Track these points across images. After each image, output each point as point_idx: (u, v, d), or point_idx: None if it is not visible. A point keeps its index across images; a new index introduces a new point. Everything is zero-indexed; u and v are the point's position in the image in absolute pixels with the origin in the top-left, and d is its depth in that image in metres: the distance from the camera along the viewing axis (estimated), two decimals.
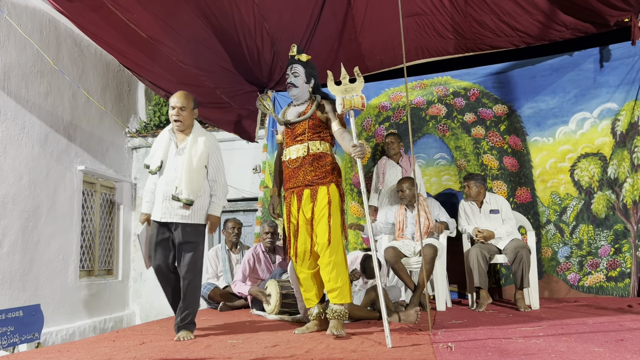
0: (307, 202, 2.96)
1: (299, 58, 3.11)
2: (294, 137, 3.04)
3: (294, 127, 3.05)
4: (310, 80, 3.10)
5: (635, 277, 4.51)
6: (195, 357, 2.44)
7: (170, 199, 2.93)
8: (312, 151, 2.98)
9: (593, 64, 4.90)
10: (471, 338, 2.61)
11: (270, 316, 3.88)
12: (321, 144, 3.02)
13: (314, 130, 3.01)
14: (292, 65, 3.10)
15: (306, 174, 2.97)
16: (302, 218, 2.96)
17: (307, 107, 3.08)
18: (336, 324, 2.83)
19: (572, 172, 4.82)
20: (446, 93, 5.32)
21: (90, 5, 3.64)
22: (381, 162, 4.89)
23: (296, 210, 2.99)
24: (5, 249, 4.94)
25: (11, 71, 5.08)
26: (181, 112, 3.00)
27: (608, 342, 2.36)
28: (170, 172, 2.97)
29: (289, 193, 3.05)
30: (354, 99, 2.83)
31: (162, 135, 3.10)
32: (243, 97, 5.53)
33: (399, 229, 4.25)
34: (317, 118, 3.03)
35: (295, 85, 3.07)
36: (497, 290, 4.83)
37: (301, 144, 3.00)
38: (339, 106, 2.83)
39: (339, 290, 2.86)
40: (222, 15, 4.26)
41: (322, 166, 2.98)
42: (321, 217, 2.90)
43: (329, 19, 4.71)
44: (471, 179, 4.34)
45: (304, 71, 3.08)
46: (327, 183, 2.96)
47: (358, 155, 2.75)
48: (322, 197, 2.92)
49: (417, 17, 4.82)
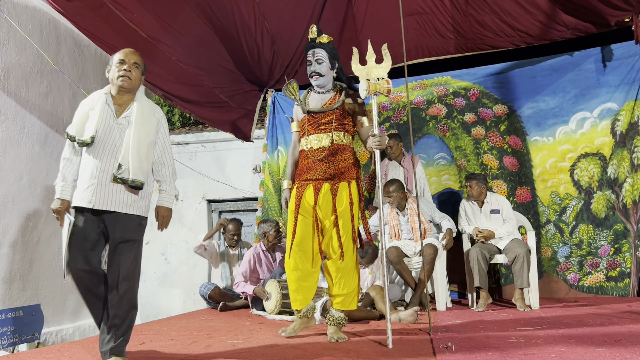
0: (325, 198, 2.74)
1: (320, 41, 2.80)
2: (317, 126, 2.80)
3: (318, 115, 2.81)
4: (335, 64, 2.85)
5: (635, 277, 4.51)
6: (195, 357, 2.44)
7: (107, 181, 2.27)
8: (336, 142, 2.76)
9: (593, 63, 4.89)
10: (471, 338, 2.61)
11: (270, 316, 3.88)
12: (344, 136, 2.81)
13: (340, 121, 2.80)
14: (314, 49, 2.79)
15: (329, 166, 2.74)
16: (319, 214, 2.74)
17: (333, 96, 2.85)
18: (336, 330, 2.75)
19: (572, 172, 4.82)
20: (446, 93, 5.32)
21: (90, 5, 3.64)
22: (383, 163, 4.87)
23: (311, 203, 2.75)
24: (5, 249, 4.94)
25: (11, 71, 5.08)
26: (133, 68, 2.41)
27: (608, 342, 2.36)
28: (107, 146, 2.31)
29: (303, 184, 2.79)
30: (379, 83, 2.62)
31: (95, 100, 2.41)
32: (242, 97, 5.53)
33: (395, 234, 4.24)
34: (344, 109, 2.83)
35: (320, 74, 2.80)
36: (497, 290, 4.83)
37: (325, 134, 2.77)
38: (363, 91, 2.62)
39: (346, 296, 2.76)
40: (223, 14, 4.26)
41: (345, 159, 2.78)
42: (343, 218, 2.71)
43: (330, 17, 4.72)
44: (473, 179, 4.33)
45: (327, 56, 2.80)
46: (349, 180, 2.77)
47: (376, 146, 2.58)
48: (344, 196, 2.73)
49: (417, 16, 4.82)
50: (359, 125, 2.88)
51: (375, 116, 2.64)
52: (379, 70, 2.68)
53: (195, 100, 5.11)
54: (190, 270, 6.72)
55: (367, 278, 4.01)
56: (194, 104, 5.14)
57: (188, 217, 6.84)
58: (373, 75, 2.67)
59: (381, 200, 2.66)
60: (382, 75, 2.67)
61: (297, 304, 2.86)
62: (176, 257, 6.82)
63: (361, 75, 2.68)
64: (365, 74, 2.67)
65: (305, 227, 2.77)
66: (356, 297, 2.83)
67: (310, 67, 2.82)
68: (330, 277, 2.80)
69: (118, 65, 2.40)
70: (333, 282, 2.78)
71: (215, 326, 3.54)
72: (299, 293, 2.84)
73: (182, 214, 6.86)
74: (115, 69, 2.41)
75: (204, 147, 6.88)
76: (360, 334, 2.93)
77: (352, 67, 2.72)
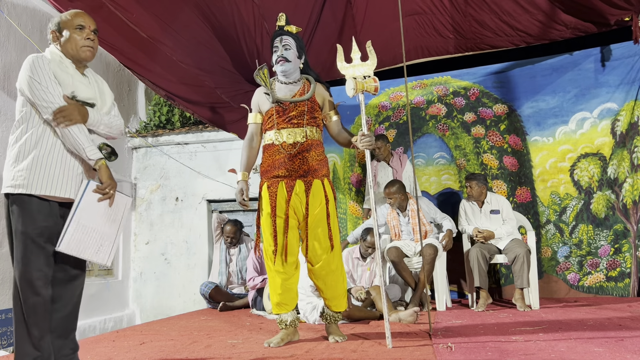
0: (299, 196, 2.64)
1: (288, 29, 2.74)
2: (288, 119, 2.67)
3: (288, 107, 2.68)
4: (302, 55, 2.76)
5: (635, 277, 4.51)
6: (195, 357, 2.44)
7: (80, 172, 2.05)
8: (310, 138, 2.66)
9: (593, 63, 4.89)
10: (471, 338, 2.61)
11: (270, 316, 3.88)
12: (317, 131, 2.71)
13: (311, 114, 2.68)
14: (282, 36, 2.71)
15: (302, 163, 2.63)
16: (292, 213, 2.64)
17: (303, 87, 2.74)
18: (335, 330, 2.75)
19: (572, 172, 4.82)
20: (446, 93, 5.32)
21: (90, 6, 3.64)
22: (371, 164, 4.87)
23: (285, 202, 2.64)
24: (5, 248, 4.94)
25: (11, 71, 5.08)
26: (94, 37, 2.11)
27: (608, 342, 2.36)
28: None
29: (274, 182, 2.67)
30: (367, 81, 2.54)
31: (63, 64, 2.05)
32: (243, 97, 5.51)
33: (395, 234, 4.24)
34: (315, 101, 2.72)
35: (287, 59, 2.68)
36: (497, 290, 4.83)
37: (298, 128, 2.65)
38: (351, 90, 2.53)
39: (336, 299, 2.74)
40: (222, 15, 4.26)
41: (317, 155, 2.68)
42: (319, 218, 2.64)
43: (329, 18, 4.71)
44: (473, 179, 4.33)
45: (295, 44, 2.72)
46: (322, 177, 2.68)
47: (366, 146, 2.52)
48: (318, 194, 2.64)
49: (417, 16, 4.82)
50: (327, 119, 2.78)
51: (364, 115, 2.57)
52: (365, 69, 2.60)
53: (198, 101, 5.11)
54: (190, 270, 6.71)
55: (366, 275, 4.02)
56: (196, 104, 5.14)
57: (188, 217, 6.84)
58: (359, 73, 2.59)
59: (373, 200, 2.58)
60: (369, 73, 2.60)
61: (283, 309, 2.70)
62: (176, 257, 6.82)
63: (347, 73, 2.59)
64: (351, 72, 2.60)
65: (283, 229, 2.66)
66: (345, 296, 2.79)
67: (277, 52, 2.71)
68: (321, 281, 2.72)
69: (78, 31, 2.06)
70: (325, 287, 2.72)
71: (215, 326, 3.54)
72: (284, 297, 2.69)
73: (182, 214, 6.85)
74: (75, 36, 2.06)
75: (204, 147, 6.88)
76: (360, 334, 2.93)
77: (338, 65, 2.63)
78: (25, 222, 1.90)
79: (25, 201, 1.91)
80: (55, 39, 2.11)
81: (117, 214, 2.09)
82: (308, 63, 2.84)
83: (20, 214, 1.91)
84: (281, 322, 2.72)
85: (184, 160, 6.82)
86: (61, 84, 2.01)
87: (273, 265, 2.68)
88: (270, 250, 2.68)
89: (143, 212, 6.98)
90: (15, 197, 1.92)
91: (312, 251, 2.67)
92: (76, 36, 2.06)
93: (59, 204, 1.99)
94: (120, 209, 2.10)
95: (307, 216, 2.63)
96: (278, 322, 2.74)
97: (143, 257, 6.89)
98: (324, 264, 2.66)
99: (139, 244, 6.96)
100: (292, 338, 2.72)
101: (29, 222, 1.90)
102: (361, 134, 2.55)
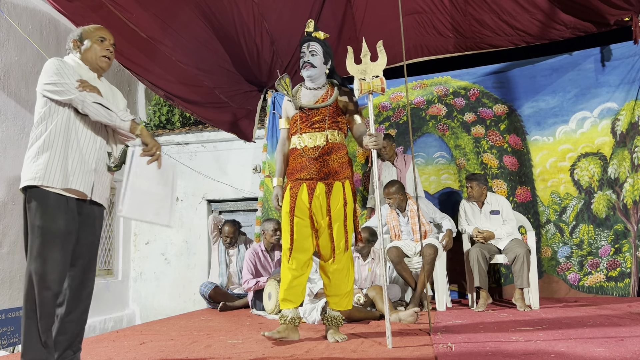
0: (319, 198, 2.70)
1: (316, 35, 2.81)
2: (311, 124, 2.75)
3: (310, 112, 2.77)
4: (328, 60, 2.83)
5: (635, 277, 4.51)
6: (195, 357, 2.44)
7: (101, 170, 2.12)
8: (330, 141, 2.73)
9: (593, 63, 4.89)
10: (471, 338, 2.61)
11: (270, 316, 3.88)
12: (339, 135, 2.78)
13: (333, 119, 2.76)
14: (309, 42, 2.79)
15: (323, 165, 2.70)
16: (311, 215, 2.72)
17: (326, 93, 2.81)
18: (335, 330, 2.75)
19: (572, 171, 4.82)
20: (446, 93, 5.32)
21: (90, 6, 3.64)
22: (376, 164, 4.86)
23: (306, 203, 2.71)
24: (5, 248, 4.94)
25: (11, 71, 5.08)
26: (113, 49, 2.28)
27: (608, 342, 2.36)
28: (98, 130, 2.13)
29: (297, 184, 2.75)
30: (373, 81, 2.59)
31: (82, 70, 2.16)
32: (242, 97, 5.53)
33: (395, 234, 4.24)
34: (338, 106, 2.79)
35: (313, 65, 2.77)
36: (497, 290, 4.83)
37: (319, 132, 2.73)
38: (356, 91, 2.59)
39: (341, 297, 2.77)
40: (222, 14, 4.26)
41: (339, 158, 2.74)
42: (337, 218, 2.69)
43: (329, 17, 4.71)
44: (474, 180, 4.32)
45: (322, 50, 2.79)
46: (343, 179, 2.74)
47: (373, 146, 2.55)
48: (338, 196, 2.70)
49: (416, 15, 4.82)
50: (351, 123, 2.85)
51: (372, 115, 2.62)
52: (374, 68, 2.65)
53: (197, 101, 5.11)
54: (190, 270, 6.72)
55: (367, 275, 4.02)
56: (195, 104, 5.14)
57: (188, 217, 6.84)
58: (368, 73, 2.64)
59: (378, 201, 2.65)
60: (377, 73, 2.64)
61: (287, 305, 2.77)
62: (176, 257, 6.82)
63: (356, 74, 2.65)
64: (360, 73, 2.64)
65: (302, 229, 2.74)
66: (351, 297, 2.83)
67: (304, 58, 2.80)
68: (327, 277, 2.79)
69: (99, 42, 2.22)
70: (329, 283, 2.78)
71: (215, 326, 3.54)
72: (290, 293, 2.76)
73: (182, 214, 6.86)
74: (96, 46, 2.21)
75: (204, 147, 6.88)
76: (360, 334, 2.93)
77: (347, 66, 2.69)
78: (44, 217, 1.94)
79: (43, 196, 1.95)
80: (75, 47, 2.23)
81: (167, 176, 2.18)
82: (334, 69, 2.91)
83: (37, 208, 1.95)
84: (282, 316, 2.78)
85: (184, 160, 6.82)
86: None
87: (287, 262, 2.77)
88: (286, 247, 2.77)
89: None
90: (33, 192, 1.96)
91: (325, 249, 2.74)
92: (97, 46, 2.22)
93: (76, 200, 2.03)
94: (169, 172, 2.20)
95: (329, 216, 2.70)
96: (279, 317, 2.79)
97: (143, 257, 6.90)
98: (335, 261, 2.72)
99: (139, 244, 6.96)
100: (290, 335, 2.74)
101: (46, 216, 1.94)
102: (368, 133, 2.59)
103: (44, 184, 1.95)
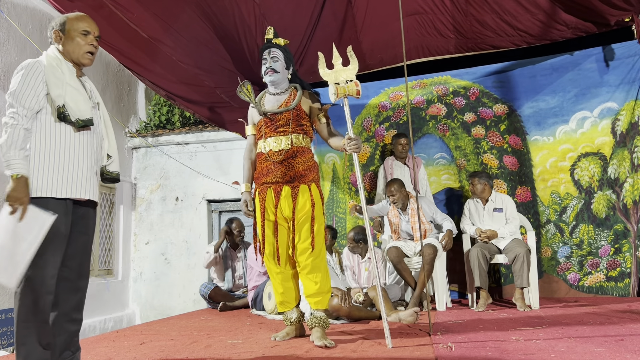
0: (286, 200, 2.72)
1: (276, 42, 2.86)
2: (275, 128, 2.77)
3: (275, 117, 2.79)
4: (290, 66, 2.88)
5: (635, 277, 4.51)
6: (195, 357, 2.44)
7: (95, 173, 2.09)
8: (295, 145, 2.74)
9: (593, 63, 4.89)
10: (471, 338, 2.61)
11: (270, 316, 3.89)
12: (303, 138, 2.79)
13: (297, 122, 2.77)
14: (270, 49, 2.84)
15: (288, 169, 2.71)
16: (280, 216, 2.74)
17: (289, 97, 2.84)
18: (322, 333, 2.65)
19: (573, 171, 4.82)
20: (446, 92, 5.32)
21: (90, 5, 3.64)
22: (387, 162, 4.87)
23: (273, 207, 2.74)
24: None
25: (11, 71, 5.06)
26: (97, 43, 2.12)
27: (608, 342, 2.36)
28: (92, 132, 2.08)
29: (263, 188, 2.77)
30: (348, 85, 2.60)
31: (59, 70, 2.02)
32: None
33: (394, 231, 4.26)
34: (302, 109, 2.81)
35: (275, 70, 2.80)
36: (497, 290, 4.83)
37: (284, 136, 2.75)
38: (332, 95, 2.59)
39: (322, 295, 2.72)
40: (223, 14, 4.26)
41: (304, 162, 2.75)
42: (304, 221, 2.69)
43: (330, 17, 4.71)
44: (475, 176, 4.37)
45: (283, 56, 2.84)
46: (309, 182, 2.74)
47: (354, 150, 2.55)
48: (305, 198, 2.71)
49: (417, 16, 4.81)
50: (317, 123, 2.85)
51: (349, 119, 2.62)
52: (346, 73, 2.67)
53: (198, 101, 5.11)
54: (190, 270, 6.72)
55: (365, 274, 4.02)
56: (197, 104, 5.14)
57: (188, 217, 6.84)
58: (341, 78, 2.66)
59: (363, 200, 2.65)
60: (351, 78, 2.66)
61: (286, 306, 2.85)
62: (176, 257, 6.82)
63: (329, 79, 2.66)
64: (333, 78, 2.67)
65: (273, 232, 2.77)
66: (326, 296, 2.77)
67: (265, 64, 2.83)
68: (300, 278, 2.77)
69: (83, 36, 2.06)
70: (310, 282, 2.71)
71: (215, 326, 3.55)
72: (285, 295, 2.83)
73: (182, 214, 6.86)
74: (79, 40, 2.06)
75: (204, 147, 6.88)
76: (360, 334, 2.93)
77: (320, 72, 2.70)
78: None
79: (42, 204, 1.90)
80: (57, 40, 2.08)
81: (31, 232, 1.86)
82: (296, 73, 2.95)
83: None
84: (286, 319, 2.84)
85: (184, 160, 6.82)
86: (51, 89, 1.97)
87: (271, 266, 2.83)
88: (266, 252, 2.81)
89: (143, 212, 6.98)
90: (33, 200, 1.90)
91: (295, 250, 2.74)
92: (80, 41, 2.06)
93: (73, 202, 2.00)
94: (36, 227, 1.87)
95: (294, 219, 2.71)
96: (284, 320, 2.85)
97: (143, 257, 6.90)
98: (305, 263, 2.71)
99: (139, 244, 6.96)
100: (298, 333, 2.84)
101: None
102: (348, 137, 2.58)
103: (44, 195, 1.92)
